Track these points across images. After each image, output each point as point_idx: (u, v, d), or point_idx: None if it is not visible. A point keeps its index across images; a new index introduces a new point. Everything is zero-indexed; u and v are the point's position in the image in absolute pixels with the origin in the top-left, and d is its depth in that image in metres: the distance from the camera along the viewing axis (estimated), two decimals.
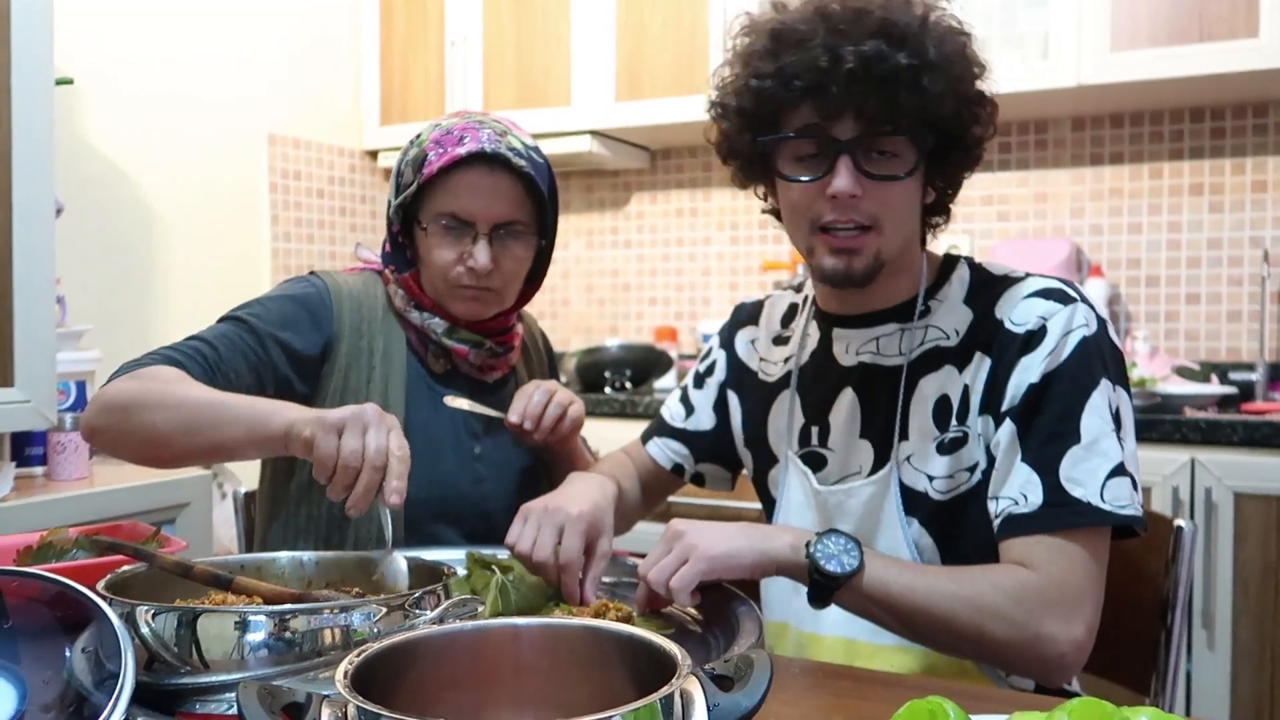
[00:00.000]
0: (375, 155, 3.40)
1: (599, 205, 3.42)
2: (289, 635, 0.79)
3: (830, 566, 1.01)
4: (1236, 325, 2.67)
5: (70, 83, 2.36)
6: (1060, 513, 1.03)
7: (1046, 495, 1.03)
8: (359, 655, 0.63)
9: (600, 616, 1.01)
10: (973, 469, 1.11)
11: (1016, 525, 1.04)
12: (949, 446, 1.12)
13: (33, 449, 1.96)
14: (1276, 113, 2.62)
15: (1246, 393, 2.56)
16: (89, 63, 2.53)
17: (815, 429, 1.23)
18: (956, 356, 1.14)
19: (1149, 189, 2.75)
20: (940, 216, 1.21)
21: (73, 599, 0.75)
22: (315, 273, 1.42)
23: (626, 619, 1.03)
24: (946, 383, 1.14)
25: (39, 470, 1.97)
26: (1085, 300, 1.10)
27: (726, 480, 1.45)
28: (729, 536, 1.05)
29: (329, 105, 3.28)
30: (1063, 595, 1.01)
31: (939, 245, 1.25)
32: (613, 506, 1.20)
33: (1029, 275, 1.15)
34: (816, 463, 1.22)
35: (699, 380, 1.41)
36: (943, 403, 1.13)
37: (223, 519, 2.18)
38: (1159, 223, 2.74)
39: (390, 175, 1.42)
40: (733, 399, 1.37)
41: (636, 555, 1.19)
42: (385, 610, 0.83)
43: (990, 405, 1.10)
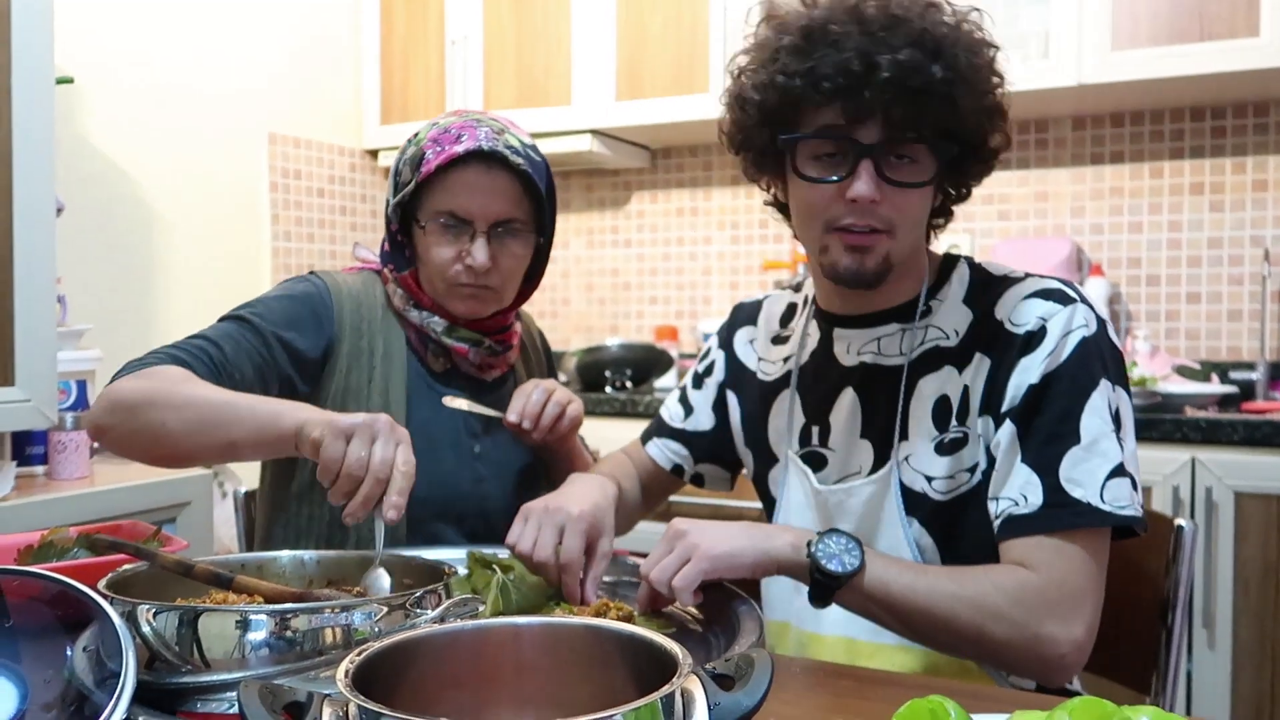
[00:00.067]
0: (376, 154, 3.40)
1: (599, 204, 3.42)
2: (290, 634, 0.79)
3: (831, 566, 1.01)
4: (1237, 324, 2.67)
5: (71, 81, 2.36)
6: (1060, 513, 1.03)
7: (1046, 496, 1.03)
8: (360, 654, 0.63)
9: (601, 616, 1.01)
10: (973, 469, 1.11)
11: (1016, 526, 1.04)
12: (949, 447, 1.12)
13: (33, 448, 1.96)
14: (1277, 112, 2.62)
15: (1247, 392, 2.56)
16: (89, 62, 2.53)
17: (816, 429, 1.23)
18: (956, 357, 1.14)
19: (1149, 188, 2.75)
20: (943, 218, 1.21)
21: (74, 598, 0.75)
22: (315, 272, 1.42)
23: (627, 618, 1.03)
24: (946, 383, 1.14)
25: (40, 469, 1.97)
26: (1085, 301, 1.10)
27: (726, 480, 1.45)
28: (730, 536, 1.05)
29: (329, 104, 3.28)
30: (1063, 596, 1.01)
31: (939, 244, 1.25)
32: (613, 507, 1.20)
33: (1029, 275, 1.15)
34: (817, 462, 1.22)
35: (698, 381, 1.41)
36: (942, 403, 1.13)
37: (223, 518, 2.18)
38: (1159, 222, 2.74)
39: (389, 174, 1.42)
40: (732, 399, 1.37)
41: (638, 555, 1.19)
42: (386, 609, 0.83)
43: (990, 406, 1.10)
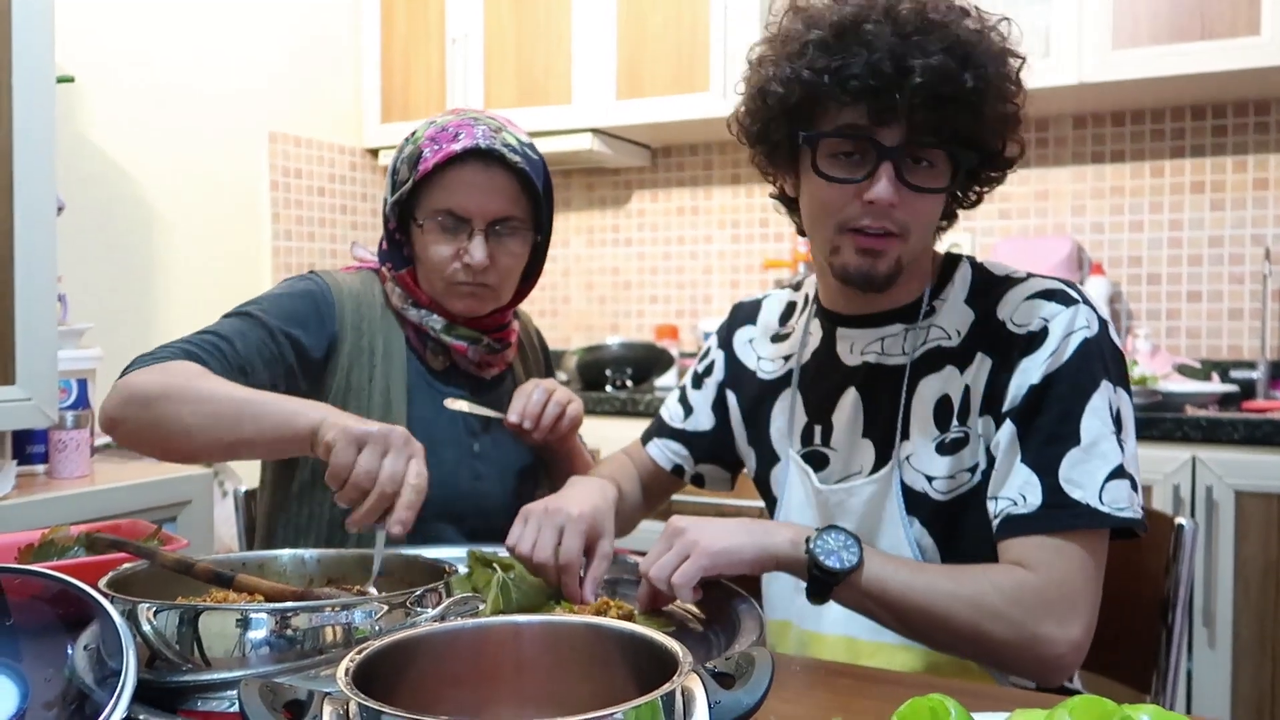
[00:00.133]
0: (376, 153, 3.40)
1: (600, 203, 3.42)
2: (290, 633, 0.79)
3: (830, 562, 1.01)
4: (1238, 323, 2.67)
5: (71, 80, 2.36)
6: (1059, 514, 1.02)
7: (1045, 496, 1.03)
8: (360, 653, 0.63)
9: (601, 614, 1.01)
10: (973, 469, 1.11)
11: (1015, 526, 1.04)
12: (950, 447, 1.12)
13: (34, 447, 1.96)
14: (1278, 110, 2.62)
15: (1247, 391, 2.56)
16: (90, 61, 2.53)
17: (818, 428, 1.23)
18: (958, 357, 1.13)
19: (1150, 187, 2.75)
20: (949, 220, 1.21)
21: (74, 597, 0.75)
22: (315, 272, 1.42)
23: (628, 617, 1.03)
24: (947, 383, 1.13)
25: (40, 468, 1.96)
26: (1087, 302, 1.10)
27: (726, 480, 1.45)
28: (729, 532, 1.05)
29: (330, 103, 3.28)
30: (1060, 596, 1.01)
31: (940, 244, 1.25)
32: (613, 509, 1.20)
33: (1031, 276, 1.15)
34: (818, 462, 1.22)
35: (697, 380, 1.41)
36: (943, 403, 1.13)
37: (224, 517, 2.18)
38: (1160, 221, 2.74)
39: (387, 173, 1.42)
40: (731, 398, 1.37)
41: (637, 553, 1.19)
42: (387, 608, 0.83)
43: (991, 406, 1.10)
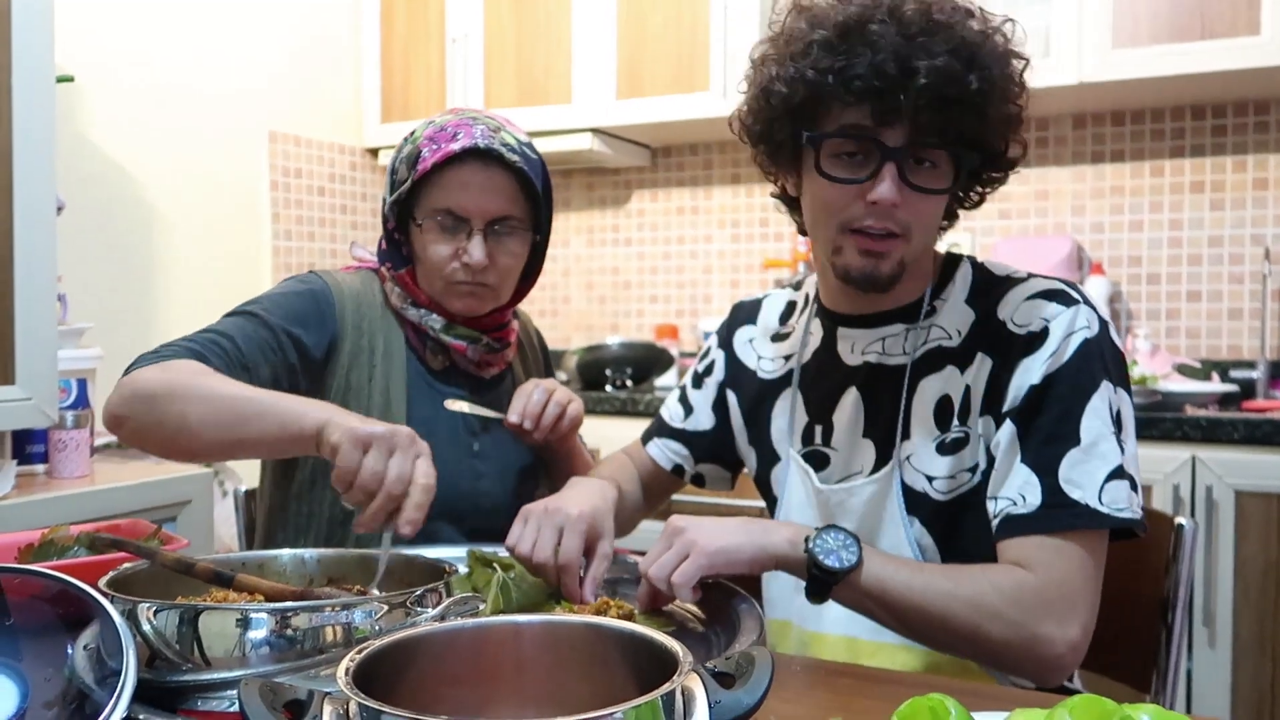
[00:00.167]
0: (376, 153, 3.40)
1: (600, 203, 3.42)
2: (290, 632, 0.79)
3: (828, 561, 1.01)
4: (1237, 323, 2.67)
5: (71, 80, 2.36)
6: (1058, 514, 1.02)
7: (1045, 496, 1.03)
8: (361, 652, 0.63)
9: (601, 614, 1.01)
10: (973, 469, 1.11)
11: (1014, 526, 1.04)
12: (950, 447, 1.12)
13: (34, 446, 1.96)
14: (1278, 110, 2.62)
15: (1247, 390, 2.56)
16: (90, 60, 2.53)
17: (819, 428, 1.23)
18: (958, 357, 1.13)
19: (1150, 187, 2.75)
20: (949, 220, 1.21)
21: (74, 596, 0.75)
22: (315, 272, 1.42)
23: (628, 616, 1.03)
24: (948, 383, 1.13)
25: (40, 468, 1.97)
26: (1088, 302, 1.10)
27: (726, 480, 1.45)
28: (728, 531, 1.05)
29: (330, 102, 3.28)
30: (1059, 596, 1.01)
31: (940, 243, 1.25)
32: (613, 511, 1.20)
33: (1032, 276, 1.15)
34: (819, 461, 1.22)
35: (697, 380, 1.41)
36: (944, 403, 1.13)
37: (224, 516, 2.18)
38: (1160, 220, 2.74)
39: (386, 173, 1.42)
40: (732, 398, 1.37)
41: (637, 553, 1.19)
42: (387, 608, 0.83)
43: (991, 406, 1.10)
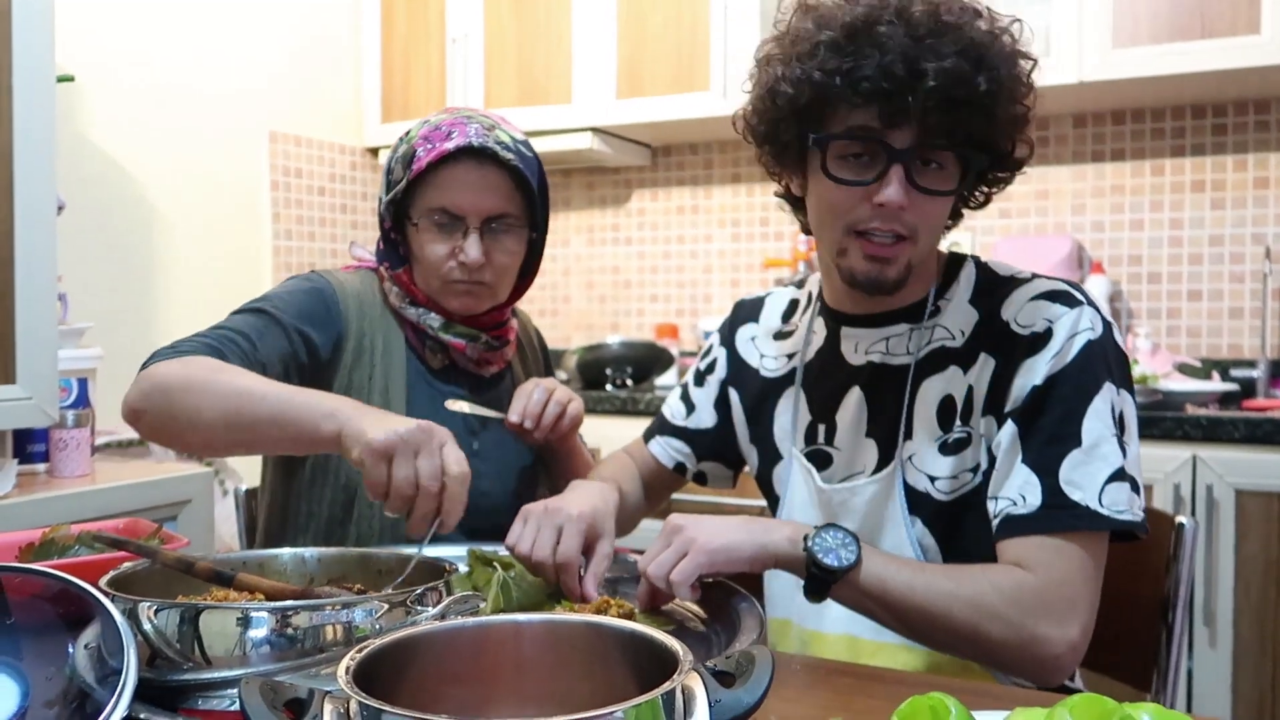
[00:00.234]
0: (376, 152, 3.40)
1: (600, 202, 3.42)
2: (291, 631, 0.79)
3: (828, 560, 1.01)
4: (1238, 322, 2.67)
5: (71, 80, 2.36)
6: (1058, 515, 1.02)
7: (1045, 497, 1.03)
8: (361, 651, 0.63)
9: (601, 613, 1.01)
10: (976, 470, 1.11)
11: (1014, 526, 1.04)
12: (952, 447, 1.12)
13: (35, 446, 1.96)
14: (1278, 109, 2.62)
15: (1248, 389, 2.56)
16: (90, 60, 2.53)
17: (822, 427, 1.23)
18: (961, 357, 1.13)
19: (1150, 186, 2.75)
20: (954, 220, 1.21)
21: (75, 595, 0.75)
22: (317, 271, 1.42)
23: (628, 615, 1.03)
24: (951, 383, 1.13)
25: (41, 467, 1.97)
26: (1091, 304, 1.10)
27: (728, 478, 1.45)
28: (728, 529, 1.05)
29: (330, 102, 3.28)
30: (1059, 597, 1.01)
31: (942, 243, 1.25)
32: (614, 512, 1.19)
33: (1035, 276, 1.14)
34: (821, 461, 1.22)
35: (699, 378, 1.41)
36: (947, 403, 1.13)
37: (224, 516, 2.18)
38: (1160, 219, 2.74)
39: (382, 172, 1.42)
40: (734, 396, 1.37)
41: (637, 552, 1.19)
42: (387, 607, 0.83)
43: (994, 406, 1.09)
